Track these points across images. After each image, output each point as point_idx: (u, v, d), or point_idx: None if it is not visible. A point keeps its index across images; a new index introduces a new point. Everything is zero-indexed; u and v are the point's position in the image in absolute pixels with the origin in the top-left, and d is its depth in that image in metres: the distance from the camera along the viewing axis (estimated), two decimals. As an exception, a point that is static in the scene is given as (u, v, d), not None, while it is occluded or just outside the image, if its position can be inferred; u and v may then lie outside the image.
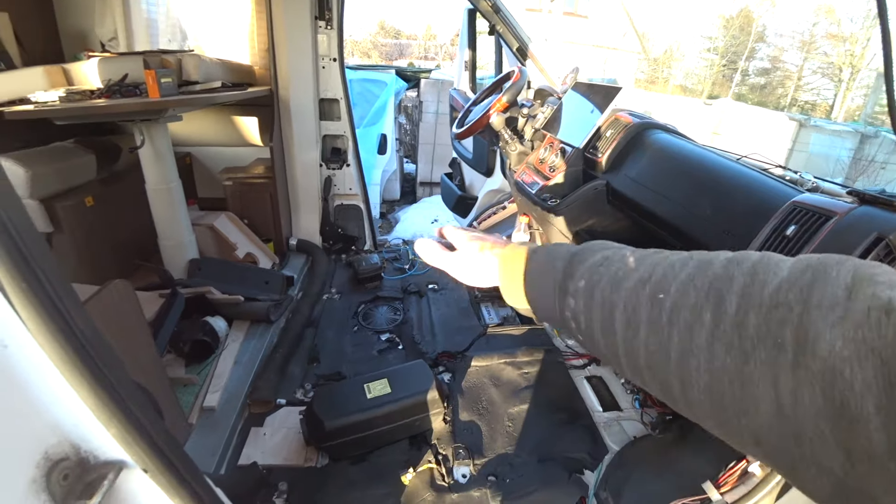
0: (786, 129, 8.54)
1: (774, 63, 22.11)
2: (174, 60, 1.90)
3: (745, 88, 22.27)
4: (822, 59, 20.29)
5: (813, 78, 20.97)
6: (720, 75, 22.51)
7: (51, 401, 0.53)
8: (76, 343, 0.49)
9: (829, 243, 0.88)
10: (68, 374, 0.50)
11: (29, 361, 0.50)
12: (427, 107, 5.59)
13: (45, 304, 0.47)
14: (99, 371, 0.51)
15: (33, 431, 0.52)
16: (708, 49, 23.26)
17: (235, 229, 2.52)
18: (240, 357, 1.92)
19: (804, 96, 21.13)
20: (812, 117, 9.83)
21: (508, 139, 1.97)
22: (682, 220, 1.22)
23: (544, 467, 1.46)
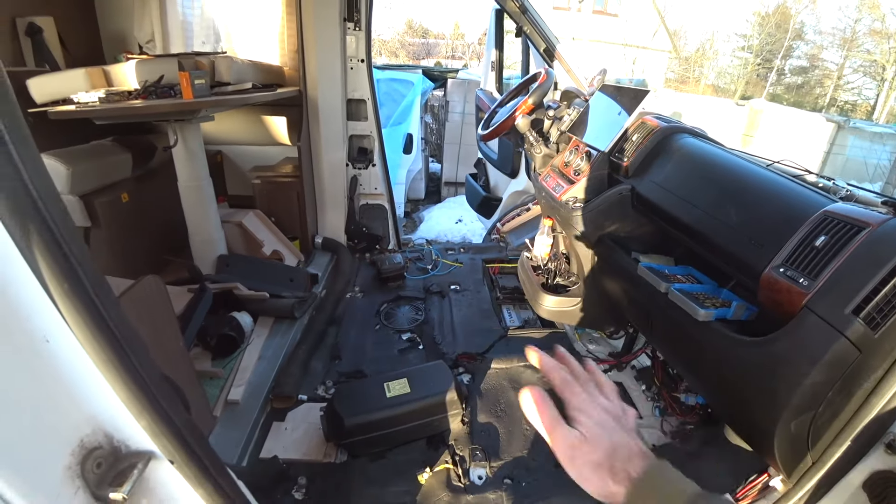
0: (823, 131, 8.16)
1: (812, 61, 21.26)
2: (207, 62, 1.96)
3: (780, 88, 21.52)
4: (865, 57, 19.41)
5: (854, 77, 20.11)
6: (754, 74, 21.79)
7: (87, 393, 0.56)
8: (112, 339, 0.52)
9: (860, 255, 0.85)
10: (104, 369, 0.53)
11: (69, 356, 0.53)
12: (453, 107, 5.61)
13: (84, 302, 0.49)
14: (132, 366, 0.54)
15: (71, 421, 0.55)
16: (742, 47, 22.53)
17: (263, 227, 2.59)
18: (264, 352, 1.97)
19: (844, 96, 20.28)
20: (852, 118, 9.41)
21: (533, 141, 1.96)
22: (707, 228, 1.19)
23: (560, 473, 1.44)
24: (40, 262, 0.47)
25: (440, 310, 2.35)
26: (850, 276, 0.85)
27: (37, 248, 0.46)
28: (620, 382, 1.87)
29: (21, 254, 0.46)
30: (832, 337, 0.84)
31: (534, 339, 2.09)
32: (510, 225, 3.05)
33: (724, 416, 1.25)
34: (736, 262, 1.11)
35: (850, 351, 0.83)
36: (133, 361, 0.54)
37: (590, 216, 1.54)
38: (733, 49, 23.01)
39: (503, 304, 2.45)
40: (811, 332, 0.87)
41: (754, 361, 0.96)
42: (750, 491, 1.12)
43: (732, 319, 1.08)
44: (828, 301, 0.86)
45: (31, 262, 0.47)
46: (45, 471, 0.52)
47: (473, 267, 2.77)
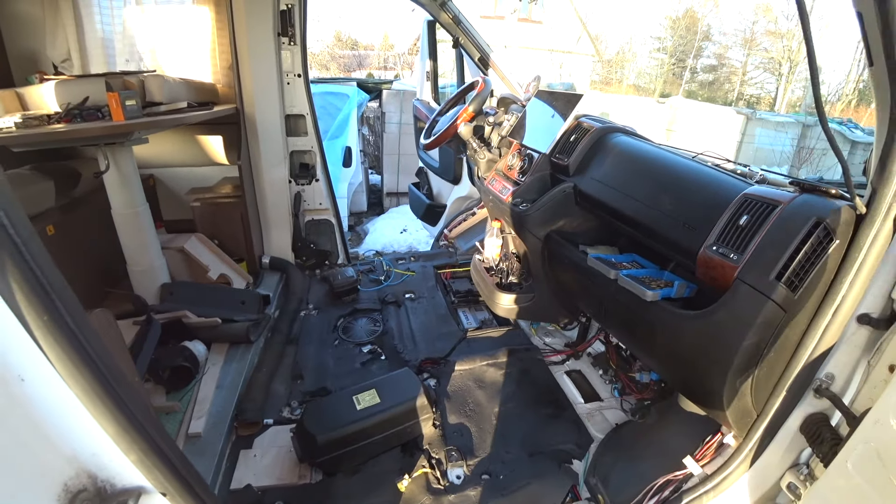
0: (734, 123, 9.03)
1: (720, 60, 23.29)
2: (136, 81, 1.87)
3: (694, 85, 23.34)
4: (764, 55, 21.55)
5: (756, 73, 22.24)
6: (670, 74, 23.49)
7: (66, 432, 0.54)
8: (96, 371, 0.51)
9: (776, 229, 0.97)
10: (89, 403, 0.51)
11: (45, 394, 0.51)
12: (390, 117, 5.63)
13: (66, 334, 0.48)
14: (119, 399, 0.53)
15: (52, 465, 0.53)
16: (658, 49, 24.27)
17: (206, 250, 2.49)
18: (222, 380, 1.89)
19: (749, 90, 22.36)
20: (757, 110, 10.40)
21: (477, 147, 2.03)
22: (645, 217, 1.30)
23: (534, 461, 1.52)
24: (17, 294, 0.45)
25: (398, 319, 2.37)
26: (770, 247, 0.97)
27: (13, 279, 0.45)
28: (579, 370, 1.97)
29: None
30: (761, 301, 0.95)
31: (492, 338, 2.15)
32: (457, 230, 3.12)
33: (677, 387, 1.35)
34: (674, 246, 1.21)
35: (777, 312, 0.95)
36: (120, 395, 0.53)
37: (537, 215, 1.62)
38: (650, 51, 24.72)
39: (459, 308, 2.50)
40: (744, 299, 0.98)
41: (699, 332, 1.06)
42: (707, 451, 1.23)
43: (676, 297, 1.18)
44: (755, 271, 0.97)
45: (6, 295, 0.45)
46: None
47: (426, 274, 2.80)
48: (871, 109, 13.95)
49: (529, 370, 1.92)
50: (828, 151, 8.85)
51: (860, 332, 1.00)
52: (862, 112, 15.23)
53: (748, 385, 1.04)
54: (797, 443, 1.10)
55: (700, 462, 1.22)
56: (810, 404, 1.06)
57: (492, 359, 1.96)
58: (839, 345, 1.01)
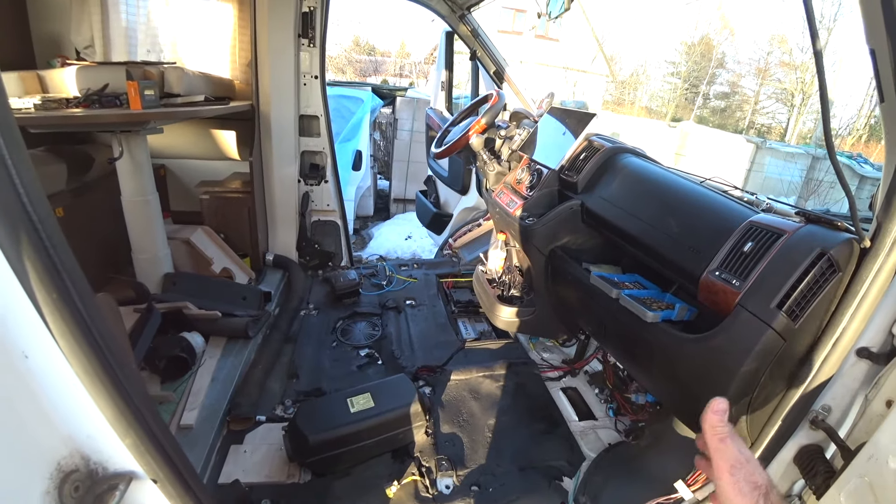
0: (744, 151, 9.07)
1: (733, 88, 23.45)
2: (156, 72, 1.90)
3: (706, 111, 23.48)
4: (776, 86, 21.70)
5: (768, 102, 22.39)
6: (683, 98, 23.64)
7: (65, 412, 0.54)
8: (99, 353, 0.51)
9: (780, 258, 0.97)
10: (90, 386, 0.52)
11: (47, 372, 0.52)
12: (402, 124, 5.67)
13: (73, 313, 0.49)
14: (119, 383, 0.53)
15: (48, 443, 0.53)
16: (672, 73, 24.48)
17: (212, 244, 2.50)
18: (217, 373, 1.89)
19: (760, 119, 22.48)
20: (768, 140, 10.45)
21: (487, 160, 2.05)
22: (650, 237, 1.31)
23: (525, 476, 1.51)
24: (30, 272, 0.46)
25: (397, 325, 2.37)
26: (773, 276, 0.97)
27: (27, 256, 0.46)
28: (575, 387, 1.96)
29: (9, 263, 0.45)
30: (761, 329, 0.95)
31: (490, 349, 2.15)
32: (462, 240, 3.12)
33: (673, 409, 1.35)
34: (677, 269, 1.22)
35: (776, 340, 0.94)
36: (121, 378, 0.54)
37: (542, 230, 1.63)
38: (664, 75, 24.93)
39: (458, 318, 2.50)
40: (744, 326, 0.98)
41: (697, 356, 1.06)
42: (700, 476, 1.22)
43: (677, 320, 1.18)
44: (756, 298, 0.97)
45: (19, 272, 0.46)
46: (22, 497, 0.50)
47: (427, 282, 2.80)
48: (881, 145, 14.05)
49: (525, 384, 1.91)
50: (836, 185, 8.86)
51: (859, 366, 0.99)
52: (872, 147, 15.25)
53: (744, 411, 1.04)
54: (790, 473, 1.09)
55: (691, 487, 1.21)
56: (805, 436, 1.05)
57: (488, 370, 1.95)
58: (837, 377, 1.00)
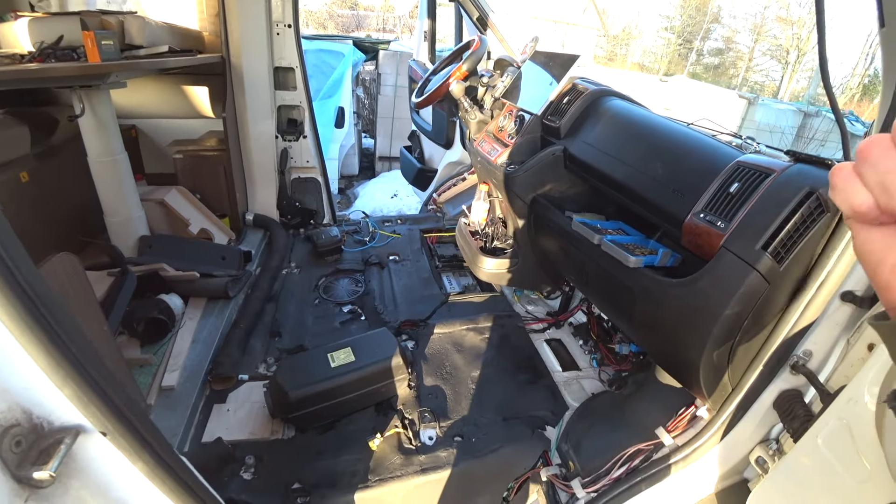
0: (736, 106, 8.93)
1: (728, 44, 22.90)
2: (115, 22, 1.77)
3: (699, 67, 23.01)
4: (772, 42, 21.23)
5: (763, 59, 21.95)
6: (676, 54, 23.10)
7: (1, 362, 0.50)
8: (27, 300, 0.47)
9: (767, 198, 0.94)
10: (19, 334, 0.47)
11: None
12: (386, 79, 5.47)
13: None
14: (52, 330, 0.49)
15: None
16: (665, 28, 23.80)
17: (188, 204, 2.42)
18: (198, 335, 1.86)
19: (754, 77, 22.11)
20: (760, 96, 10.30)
21: (468, 108, 1.97)
22: (634, 181, 1.26)
23: (508, 426, 1.52)
24: None
25: (380, 280, 2.34)
26: (759, 216, 0.93)
27: None
28: (559, 339, 1.96)
29: None
30: (745, 271, 0.92)
31: (474, 303, 2.13)
32: (446, 195, 3.06)
33: (655, 357, 1.34)
34: (662, 213, 1.18)
35: (760, 283, 0.92)
36: (53, 325, 0.49)
37: (524, 177, 1.58)
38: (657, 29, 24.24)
39: (442, 272, 2.48)
40: (728, 268, 0.95)
41: (681, 300, 1.04)
42: (680, 422, 1.22)
43: (659, 266, 1.15)
44: (741, 240, 0.94)
45: None
46: None
47: (411, 237, 2.76)
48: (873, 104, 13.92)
49: (509, 336, 1.91)
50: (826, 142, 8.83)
51: (842, 310, 0.98)
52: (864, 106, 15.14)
53: (725, 357, 1.03)
54: (769, 418, 1.09)
55: (672, 433, 1.22)
56: (786, 380, 1.05)
57: (472, 323, 1.94)
58: (820, 321, 0.99)
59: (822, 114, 9.12)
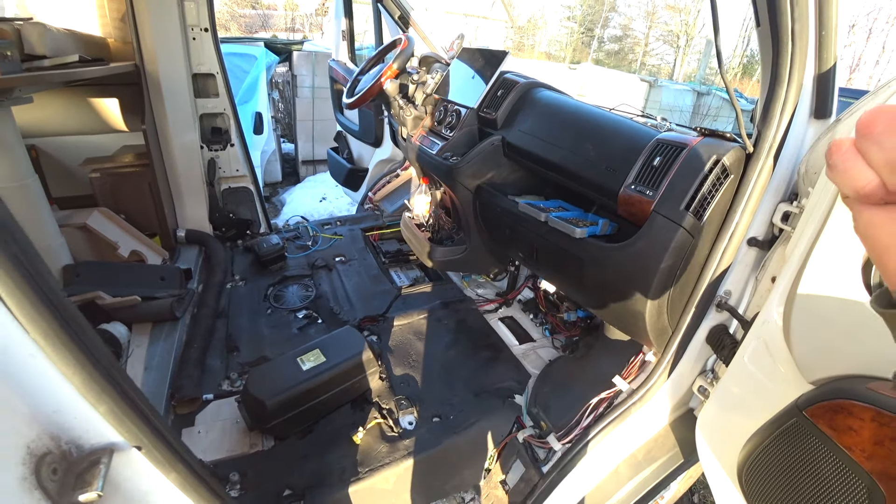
0: (639, 89, 9.79)
1: (625, 31, 24.65)
2: (10, 30, 1.62)
3: (601, 54, 24.56)
4: (664, 28, 23.16)
5: (657, 45, 23.93)
6: (580, 42, 24.43)
7: (25, 390, 0.51)
8: (59, 318, 0.48)
9: (685, 167, 1.10)
10: (53, 353, 0.49)
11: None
12: (302, 81, 5.34)
13: (25, 277, 0.45)
14: (84, 346, 0.51)
15: (11, 426, 0.50)
16: (568, 17, 25.08)
17: (113, 226, 2.27)
18: (149, 361, 1.78)
19: (651, 61, 24.04)
20: (659, 79, 11.28)
21: (402, 105, 2.03)
22: (571, 163, 1.40)
23: (480, 400, 1.62)
24: None
25: (330, 282, 2.35)
26: (680, 183, 1.10)
27: None
28: (511, 316, 2.10)
29: None
30: (674, 229, 1.08)
31: (427, 293, 2.21)
32: (382, 192, 3.11)
33: (605, 316, 1.49)
34: (598, 188, 1.33)
35: (686, 237, 1.09)
36: (85, 343, 0.51)
37: (467, 167, 1.67)
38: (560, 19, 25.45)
39: (390, 268, 2.54)
40: (659, 228, 1.11)
41: (623, 261, 1.19)
42: (632, 369, 1.39)
43: (601, 234, 1.30)
44: (668, 203, 1.10)
45: None
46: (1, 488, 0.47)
47: (354, 237, 2.78)
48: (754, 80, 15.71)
49: (465, 319, 2.01)
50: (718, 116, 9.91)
51: (750, 253, 1.18)
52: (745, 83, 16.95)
53: (665, 304, 1.19)
54: (704, 352, 1.28)
55: (627, 379, 1.38)
56: (714, 318, 1.24)
57: (428, 312, 2.02)
58: (734, 265, 1.18)
59: (712, 92, 10.27)
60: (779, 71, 1.02)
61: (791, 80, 1.03)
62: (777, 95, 1.04)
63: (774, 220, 1.13)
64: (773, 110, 1.05)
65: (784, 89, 1.03)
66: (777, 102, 1.04)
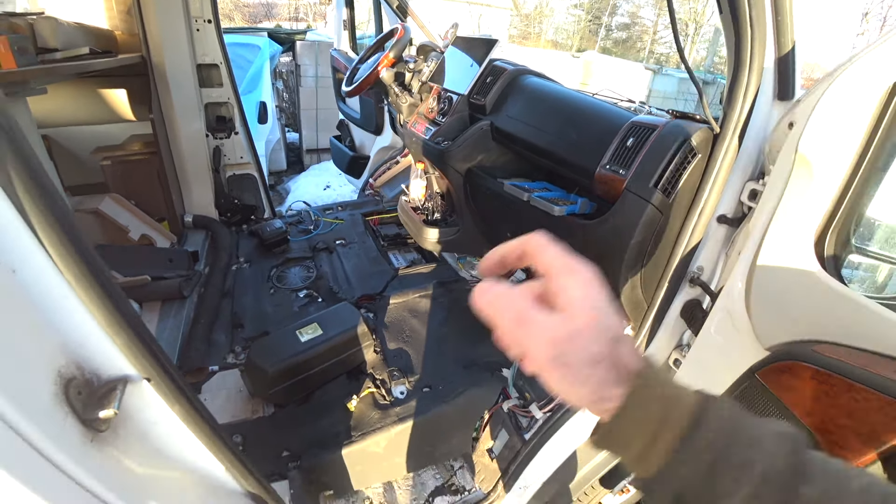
0: (643, 77, 9.77)
1: (633, 19, 24.43)
2: (24, 24, 1.71)
3: (609, 42, 24.36)
4: None
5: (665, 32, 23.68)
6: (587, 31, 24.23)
7: (57, 322, 0.60)
8: (88, 261, 0.57)
9: (654, 147, 1.17)
10: (82, 291, 0.58)
11: (33, 287, 0.57)
12: (305, 70, 5.41)
13: (60, 222, 0.55)
14: (106, 287, 0.60)
15: (47, 352, 0.60)
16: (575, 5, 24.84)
17: (124, 211, 2.37)
18: (159, 336, 1.88)
19: (659, 49, 23.78)
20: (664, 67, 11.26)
21: (398, 93, 2.10)
22: (554, 146, 1.47)
23: (469, 372, 1.71)
24: (18, 187, 0.51)
25: (331, 264, 2.44)
26: (650, 162, 1.17)
27: (13, 170, 0.51)
28: (504, 296, 2.18)
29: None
30: (643, 206, 1.16)
31: (423, 274, 2.30)
32: (382, 179, 3.19)
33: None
34: (578, 169, 1.40)
35: (655, 214, 1.16)
36: (106, 283, 0.60)
37: (457, 151, 1.75)
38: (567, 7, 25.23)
39: (388, 251, 2.63)
40: (630, 205, 1.18)
41: (598, 236, 1.27)
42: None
43: (580, 213, 1.38)
44: (638, 182, 1.18)
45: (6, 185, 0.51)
46: (35, 398, 0.56)
47: (354, 222, 2.87)
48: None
49: (459, 299, 2.10)
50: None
51: (720, 230, 1.24)
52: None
53: (638, 278, 1.27)
54: (679, 327, 1.34)
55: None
56: (687, 293, 1.30)
57: (424, 291, 2.11)
58: (705, 241, 1.25)
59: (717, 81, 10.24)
60: (741, 55, 1.09)
61: (753, 64, 1.09)
62: (740, 78, 1.10)
63: (742, 199, 1.19)
64: (737, 92, 1.12)
65: (746, 73, 1.09)
66: (740, 85, 1.11)
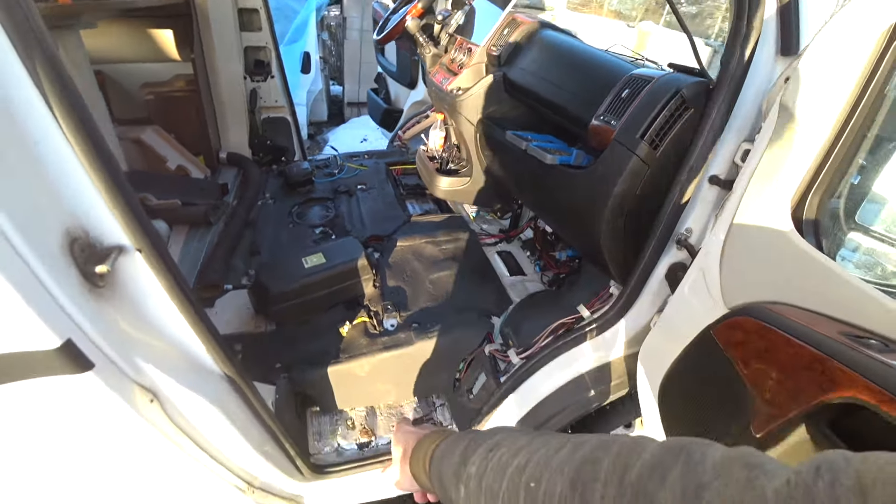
0: (701, 54, 9.18)
1: None
2: (77, -37, 1.84)
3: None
4: None
5: None
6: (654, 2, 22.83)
7: (67, 192, 0.72)
8: (96, 137, 0.68)
9: (646, 98, 1.18)
10: (87, 163, 0.69)
11: (51, 157, 0.69)
12: (352, 23, 5.44)
13: (72, 101, 0.65)
14: (108, 162, 0.71)
15: (58, 212, 0.72)
16: (643, -27, 23.40)
17: (163, 142, 2.55)
18: (184, 255, 2.06)
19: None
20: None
21: (423, 42, 2.14)
22: (558, 97, 1.49)
23: (459, 315, 1.79)
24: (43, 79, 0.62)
25: (349, 206, 2.55)
26: (639, 113, 1.18)
27: (39, 66, 0.61)
28: (509, 251, 2.24)
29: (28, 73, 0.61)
30: (628, 156, 1.17)
31: (434, 222, 2.36)
32: (411, 132, 3.24)
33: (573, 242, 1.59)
34: (578, 121, 1.42)
35: (640, 165, 1.17)
36: (107, 159, 0.71)
37: (469, 101, 1.79)
38: (635, -25, 23.76)
39: (406, 199, 2.70)
40: (616, 155, 1.20)
41: (585, 186, 1.30)
42: (598, 301, 1.50)
43: (574, 164, 1.40)
44: (626, 132, 1.19)
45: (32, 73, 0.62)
46: (47, 245, 0.68)
47: (377, 169, 2.95)
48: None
49: (464, 248, 2.16)
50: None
51: (711, 191, 1.22)
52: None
53: (621, 233, 1.28)
54: (663, 290, 1.33)
55: (591, 310, 1.47)
56: (673, 255, 1.29)
57: (431, 238, 2.17)
58: (695, 202, 1.23)
59: None
60: (740, 3, 1.06)
61: (753, 14, 1.05)
62: (738, 29, 1.07)
63: (736, 160, 1.17)
64: (735, 44, 1.09)
65: (744, 23, 1.06)
66: (738, 35, 1.08)
